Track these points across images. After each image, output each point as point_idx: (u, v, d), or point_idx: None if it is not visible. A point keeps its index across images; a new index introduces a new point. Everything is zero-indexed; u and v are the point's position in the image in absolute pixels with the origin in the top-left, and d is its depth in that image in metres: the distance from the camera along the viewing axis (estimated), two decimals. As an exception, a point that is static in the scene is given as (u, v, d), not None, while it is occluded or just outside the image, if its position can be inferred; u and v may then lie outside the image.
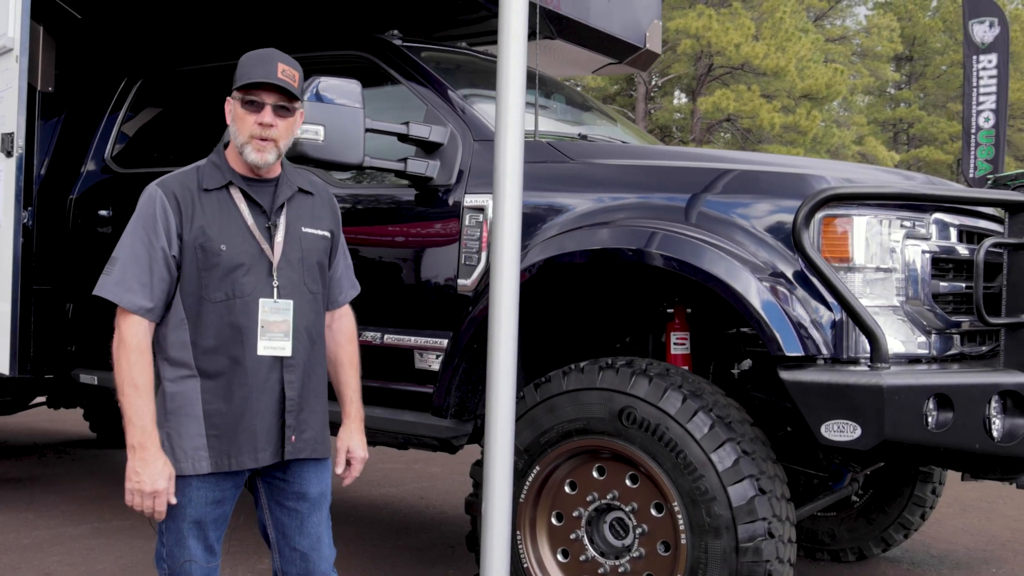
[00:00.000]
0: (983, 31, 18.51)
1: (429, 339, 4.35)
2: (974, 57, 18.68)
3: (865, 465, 4.51)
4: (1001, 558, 5.86)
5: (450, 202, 4.35)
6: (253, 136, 3.04)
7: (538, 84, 5.53)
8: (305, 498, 3.18)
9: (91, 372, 5.77)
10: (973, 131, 18.84)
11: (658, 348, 4.41)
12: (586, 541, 3.87)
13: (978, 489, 7.36)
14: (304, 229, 3.15)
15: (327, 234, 3.24)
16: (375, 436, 4.52)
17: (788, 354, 3.47)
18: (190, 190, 3.05)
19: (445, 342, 4.29)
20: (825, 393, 3.42)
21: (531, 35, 5.65)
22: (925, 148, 38.43)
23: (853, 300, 3.44)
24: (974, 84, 18.79)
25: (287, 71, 3.06)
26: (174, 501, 2.95)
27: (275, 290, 3.04)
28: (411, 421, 4.38)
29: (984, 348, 4.09)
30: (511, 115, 3.31)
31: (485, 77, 5.24)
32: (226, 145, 3.17)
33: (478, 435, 4.53)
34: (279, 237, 3.08)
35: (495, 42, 5.70)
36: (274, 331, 3.03)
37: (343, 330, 3.37)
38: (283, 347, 3.04)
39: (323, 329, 3.23)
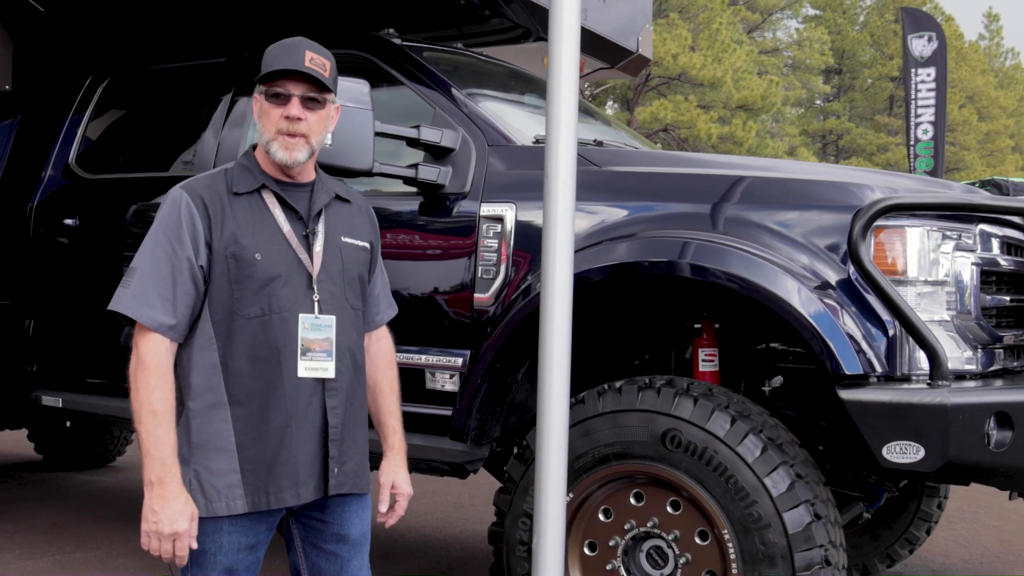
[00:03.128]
0: (922, 45, 18.71)
1: (441, 358, 4.08)
2: (913, 71, 18.88)
3: (899, 484, 4.35)
4: (999, 570, 5.77)
5: (464, 212, 4.09)
6: (280, 131, 2.75)
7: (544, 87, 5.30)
8: (346, 540, 2.89)
9: (55, 394, 5.39)
10: (912, 143, 19.07)
11: (681, 365, 4.20)
12: (623, 572, 3.63)
13: (958, 500, 7.27)
14: (344, 239, 2.87)
15: (367, 245, 2.95)
16: (376, 461, 4.25)
17: (848, 372, 3.28)
18: (219, 194, 2.75)
19: (460, 360, 4.04)
20: (887, 413, 3.23)
21: (526, 36, 5.48)
22: (854, 159, 39.01)
23: (913, 315, 3.27)
24: (913, 97, 19.01)
25: (316, 59, 2.77)
26: (195, 545, 2.63)
27: (316, 304, 2.75)
28: (420, 445, 4.09)
29: (1015, 363, 3.94)
30: (563, 120, 3.07)
31: (489, 79, 5.02)
32: (255, 147, 2.89)
33: (493, 460, 4.30)
34: (318, 246, 2.80)
35: (490, 44, 5.58)
36: (315, 350, 2.73)
37: (382, 353, 3.08)
38: (326, 368, 2.75)
39: (363, 351, 2.94)
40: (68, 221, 5.43)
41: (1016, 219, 3.85)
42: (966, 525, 6.76)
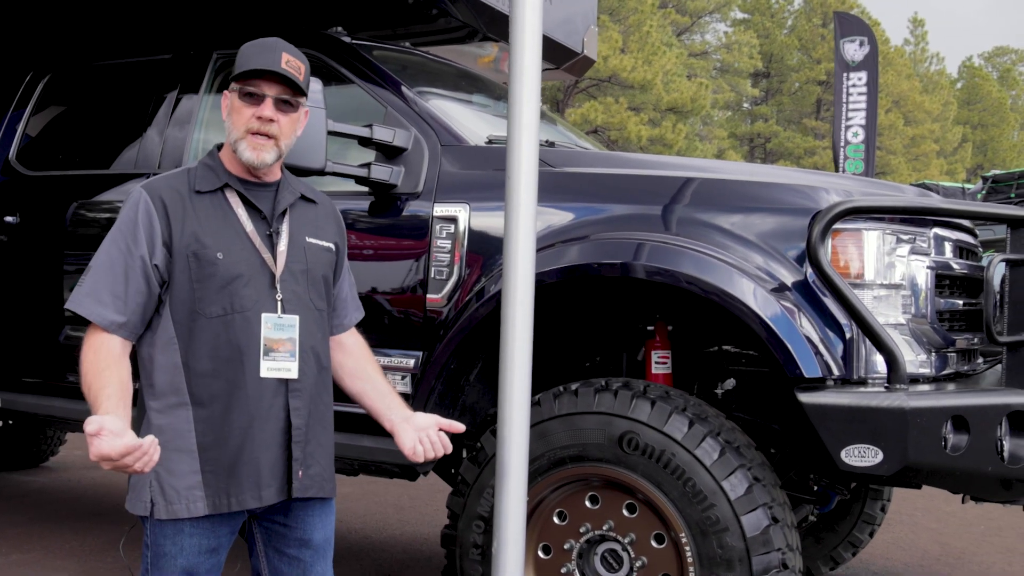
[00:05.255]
0: (854, 49, 18.98)
1: (393, 359, 4.03)
2: (844, 75, 19.15)
3: (849, 486, 4.38)
4: (939, 572, 5.83)
5: (416, 212, 4.04)
6: (250, 131, 2.72)
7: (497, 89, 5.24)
8: (309, 545, 2.85)
9: (-6, 393, 5.26)
10: (842, 145, 19.35)
11: (633, 367, 4.19)
12: (577, 575, 3.61)
13: (896, 502, 7.36)
14: (308, 239, 2.84)
15: (332, 246, 2.93)
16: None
17: (807, 376, 3.29)
18: (180, 193, 2.71)
19: (412, 362, 3.99)
20: (846, 417, 3.24)
21: (471, 36, 5.44)
22: (781, 162, 39.48)
23: (871, 319, 3.28)
24: (844, 100, 19.28)
25: (292, 61, 2.75)
26: (124, 441, 2.34)
27: (279, 304, 2.72)
28: (371, 447, 4.03)
29: (966, 367, 3.99)
30: (525, 118, 3.04)
31: (438, 79, 4.98)
32: (220, 147, 2.84)
33: (444, 463, 4.25)
34: (281, 246, 2.76)
35: (437, 43, 5.53)
36: (278, 350, 2.70)
37: (359, 344, 3.10)
38: (288, 368, 2.71)
39: (329, 352, 2.91)
40: (8, 218, 5.30)
41: (968, 223, 3.89)
42: (904, 528, 6.84)
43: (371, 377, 3.04)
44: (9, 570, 5.25)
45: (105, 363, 2.58)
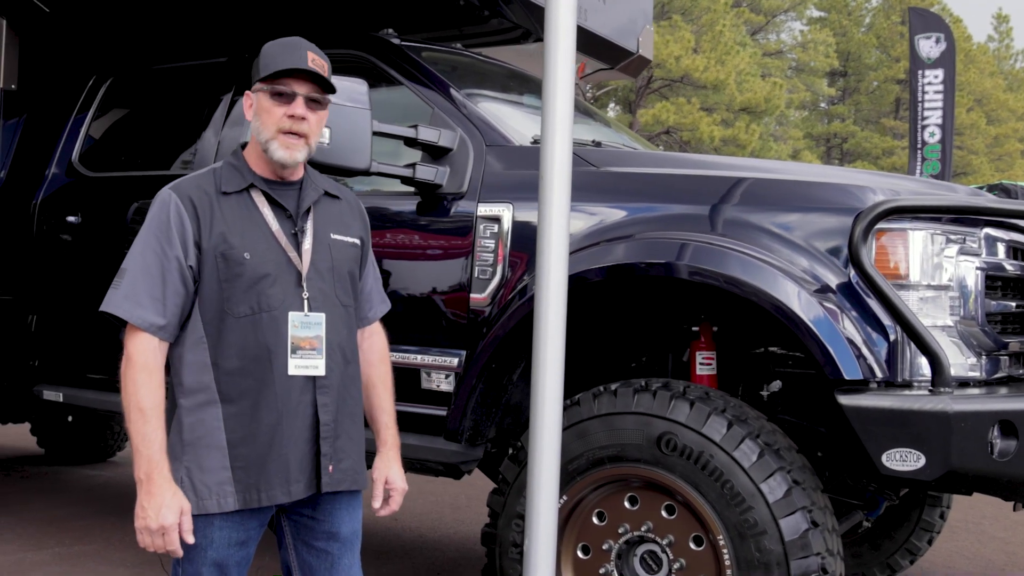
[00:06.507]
0: (929, 46, 18.63)
1: (437, 357, 4.06)
2: (920, 72, 18.80)
3: (899, 492, 4.30)
4: (1003, 583, 5.72)
5: (461, 212, 4.06)
6: (281, 130, 2.75)
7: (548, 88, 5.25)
8: (336, 538, 2.88)
9: (56, 388, 5.39)
10: (919, 146, 18.98)
11: (678, 368, 4.17)
12: (616, 576, 3.61)
13: (962, 510, 7.22)
14: (333, 236, 2.87)
15: (357, 241, 2.95)
16: (370, 460, 4.22)
17: (847, 378, 3.24)
18: (207, 194, 2.75)
19: (455, 361, 4.01)
20: (887, 420, 3.19)
21: (525, 37, 5.44)
22: (859, 162, 38.90)
23: (915, 320, 3.22)
24: (919, 99, 18.92)
25: (317, 60, 2.80)
26: (191, 539, 2.62)
27: (305, 302, 2.75)
28: (416, 445, 4.06)
29: (1021, 371, 3.90)
30: (559, 116, 3.04)
31: (487, 80, 5.00)
32: (243, 146, 2.88)
33: (488, 461, 4.26)
34: (307, 244, 2.79)
35: (490, 44, 5.55)
36: (305, 348, 2.73)
37: (375, 349, 3.07)
38: (316, 366, 2.74)
39: (356, 347, 2.93)
40: (71, 218, 5.44)
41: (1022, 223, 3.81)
42: (970, 536, 6.69)
43: (373, 388, 3.05)
44: (71, 560, 5.38)
45: (149, 392, 2.65)
